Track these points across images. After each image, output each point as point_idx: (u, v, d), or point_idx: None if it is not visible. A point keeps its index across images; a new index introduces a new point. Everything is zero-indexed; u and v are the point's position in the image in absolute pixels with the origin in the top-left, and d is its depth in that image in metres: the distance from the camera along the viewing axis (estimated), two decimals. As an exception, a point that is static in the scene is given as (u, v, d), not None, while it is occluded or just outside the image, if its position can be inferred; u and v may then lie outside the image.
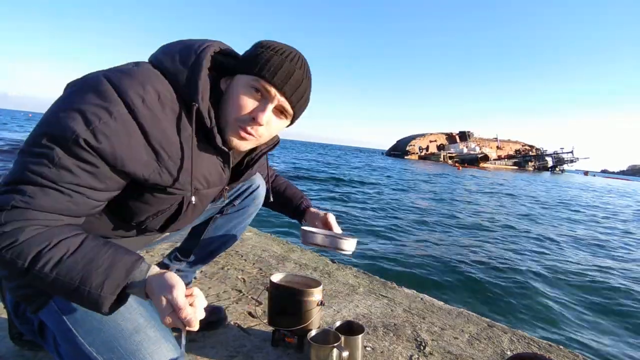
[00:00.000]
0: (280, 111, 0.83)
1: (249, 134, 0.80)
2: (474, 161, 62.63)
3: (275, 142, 0.96)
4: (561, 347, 1.51)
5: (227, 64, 0.83)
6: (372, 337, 1.41)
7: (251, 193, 1.25)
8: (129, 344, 0.75)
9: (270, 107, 0.79)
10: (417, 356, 1.32)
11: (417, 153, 66.70)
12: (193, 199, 0.80)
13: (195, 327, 0.64)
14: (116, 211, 0.81)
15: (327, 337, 1.14)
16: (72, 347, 0.76)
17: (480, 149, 67.54)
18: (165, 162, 0.73)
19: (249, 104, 0.78)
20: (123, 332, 0.76)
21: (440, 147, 69.81)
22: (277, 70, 0.77)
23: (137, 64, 0.73)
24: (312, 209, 1.26)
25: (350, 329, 1.22)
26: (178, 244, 1.34)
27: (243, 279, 1.85)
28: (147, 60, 0.77)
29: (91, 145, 0.63)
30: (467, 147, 67.91)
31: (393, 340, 1.41)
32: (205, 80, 0.75)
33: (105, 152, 0.65)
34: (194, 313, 0.64)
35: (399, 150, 69.49)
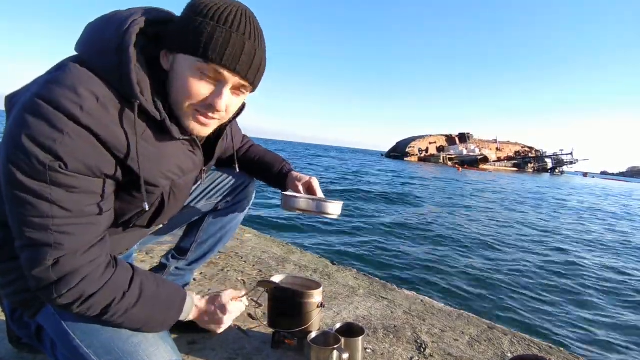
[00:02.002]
0: (237, 88, 0.75)
1: (210, 119, 0.75)
2: (473, 163, 62.68)
3: (240, 109, 0.88)
4: (562, 349, 1.51)
5: (161, 33, 0.73)
6: (372, 339, 1.41)
7: (243, 189, 1.26)
8: (127, 345, 0.75)
9: (227, 90, 0.73)
10: (417, 358, 1.32)
11: (416, 155, 66.72)
12: (145, 206, 0.75)
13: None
14: None
15: (327, 339, 1.13)
16: (70, 349, 0.75)
17: (479, 151, 67.61)
18: (126, 164, 0.69)
19: (201, 90, 0.71)
20: (121, 333, 0.76)
21: (440, 149, 69.85)
22: (225, 48, 0.67)
23: (62, 66, 0.66)
24: (295, 173, 1.20)
25: (351, 330, 1.21)
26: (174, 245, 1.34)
27: (243, 280, 1.85)
28: (74, 52, 0.70)
29: (63, 168, 0.61)
30: (466, 148, 67.97)
31: (393, 342, 1.41)
32: (138, 71, 0.67)
33: (79, 168, 0.63)
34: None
35: (399, 152, 69.49)
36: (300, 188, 1.16)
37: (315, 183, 1.17)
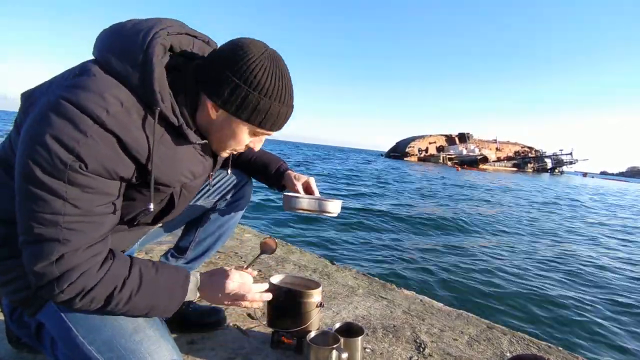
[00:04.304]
0: None
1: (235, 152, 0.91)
2: (473, 163, 62.67)
3: None
4: (560, 348, 1.51)
5: (199, 70, 0.78)
6: (371, 339, 1.41)
7: (241, 188, 1.27)
8: (129, 343, 0.75)
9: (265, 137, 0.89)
10: (416, 358, 1.32)
11: (416, 155, 66.70)
12: (150, 206, 0.80)
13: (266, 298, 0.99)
14: None
15: (326, 338, 1.14)
16: (72, 347, 0.76)
17: (479, 151, 67.59)
18: (145, 165, 0.73)
19: (246, 140, 0.85)
20: (123, 331, 0.77)
21: (440, 149, 69.83)
22: (274, 120, 0.81)
23: (85, 71, 0.69)
24: (292, 172, 1.23)
25: (350, 330, 1.22)
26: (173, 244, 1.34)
27: (242, 280, 1.85)
28: (92, 59, 0.73)
29: (83, 169, 0.64)
30: (466, 148, 67.95)
31: (392, 341, 1.41)
32: (161, 79, 0.71)
33: (98, 170, 0.66)
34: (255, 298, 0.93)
35: (399, 152, 69.46)
36: (299, 187, 1.18)
37: (313, 182, 1.20)
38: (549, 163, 75.90)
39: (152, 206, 0.78)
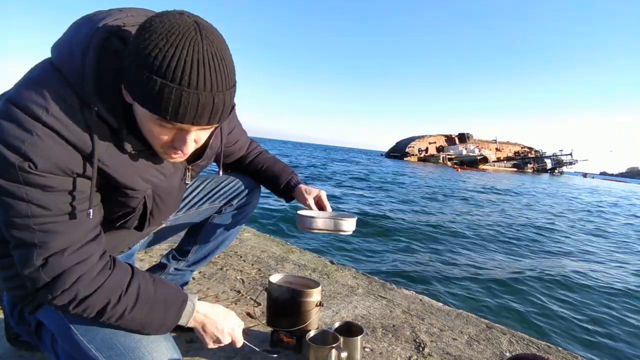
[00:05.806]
0: (202, 129, 0.69)
1: (178, 155, 0.72)
2: (473, 163, 62.64)
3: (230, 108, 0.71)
4: (560, 348, 1.51)
5: (120, 55, 0.65)
6: (370, 338, 1.41)
7: (248, 194, 1.26)
8: (128, 341, 0.75)
9: (190, 136, 0.68)
10: (415, 357, 1.32)
11: (416, 155, 66.65)
12: (90, 213, 0.70)
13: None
14: None
15: (325, 338, 1.14)
16: (71, 345, 0.76)
17: (479, 151, 67.55)
18: (92, 165, 0.68)
19: (164, 137, 0.67)
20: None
21: (440, 149, 69.80)
22: (178, 107, 0.60)
23: (35, 69, 0.66)
24: (303, 186, 1.21)
25: (349, 330, 1.22)
26: (176, 245, 1.33)
27: (242, 279, 1.85)
28: (51, 52, 0.68)
29: (32, 168, 0.61)
30: (466, 148, 67.90)
31: (392, 341, 1.41)
32: (101, 76, 0.64)
33: (50, 168, 0.63)
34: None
35: (398, 152, 69.42)
36: (310, 202, 1.17)
37: (324, 196, 1.18)
38: (549, 163, 75.87)
39: (91, 211, 0.70)
